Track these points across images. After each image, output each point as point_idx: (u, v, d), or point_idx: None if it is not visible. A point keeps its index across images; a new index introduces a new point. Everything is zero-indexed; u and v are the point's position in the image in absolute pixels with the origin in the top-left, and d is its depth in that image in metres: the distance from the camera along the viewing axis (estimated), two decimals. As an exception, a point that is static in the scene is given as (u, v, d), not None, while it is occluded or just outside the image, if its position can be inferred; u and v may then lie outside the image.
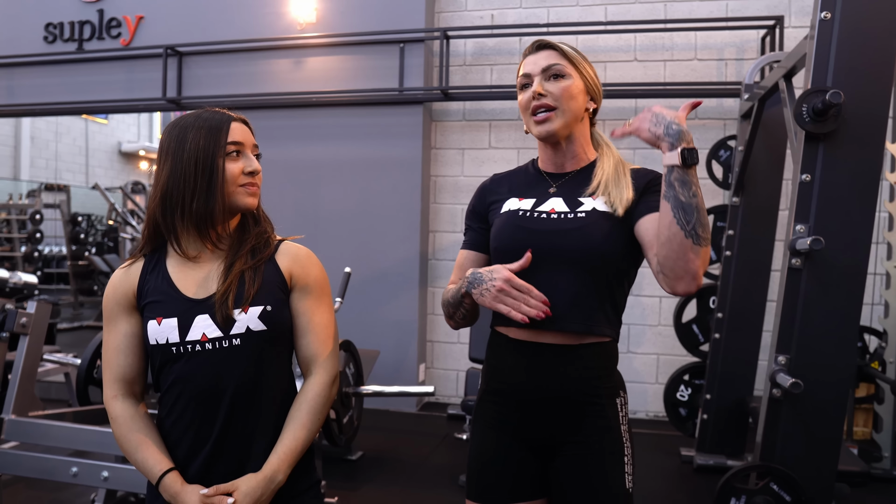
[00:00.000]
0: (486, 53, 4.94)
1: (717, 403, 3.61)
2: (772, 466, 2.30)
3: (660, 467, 3.70)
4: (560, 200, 1.34)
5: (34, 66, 5.63)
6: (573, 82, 1.35)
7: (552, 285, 1.29)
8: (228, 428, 1.20)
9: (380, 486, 3.32)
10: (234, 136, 1.23)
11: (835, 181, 2.32)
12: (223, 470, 1.20)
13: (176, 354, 1.20)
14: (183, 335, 1.19)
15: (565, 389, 1.31)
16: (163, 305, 1.21)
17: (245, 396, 1.21)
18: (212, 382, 1.19)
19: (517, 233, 1.33)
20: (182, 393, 1.20)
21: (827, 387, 2.32)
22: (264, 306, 1.22)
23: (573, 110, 1.35)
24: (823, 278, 2.33)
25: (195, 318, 1.20)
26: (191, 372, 1.19)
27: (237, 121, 1.26)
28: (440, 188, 5.02)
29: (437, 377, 5.05)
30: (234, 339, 1.20)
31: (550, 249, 1.30)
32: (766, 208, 3.61)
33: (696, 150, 1.16)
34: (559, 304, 1.28)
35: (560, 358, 1.31)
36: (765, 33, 4.39)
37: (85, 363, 3.11)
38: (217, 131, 1.22)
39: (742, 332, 3.61)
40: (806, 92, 2.31)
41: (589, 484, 1.30)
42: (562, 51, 1.37)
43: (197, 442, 1.20)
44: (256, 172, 1.25)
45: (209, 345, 1.19)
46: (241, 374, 1.20)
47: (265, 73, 5.10)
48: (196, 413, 1.20)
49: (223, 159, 1.21)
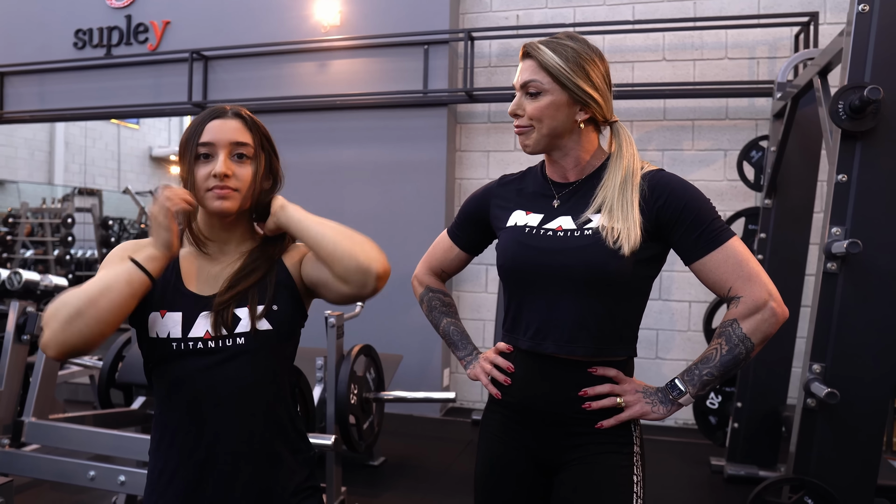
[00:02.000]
0: (512, 54, 4.88)
1: (749, 412, 3.49)
2: (806, 479, 2.20)
3: (689, 476, 3.60)
4: (568, 218, 1.28)
5: (64, 72, 5.73)
6: (550, 99, 1.25)
7: (559, 307, 1.24)
8: (229, 425, 1.16)
9: (402, 494, 3.27)
10: (206, 136, 1.17)
11: (873, 181, 2.22)
12: (216, 475, 1.16)
13: (176, 350, 1.15)
14: (186, 331, 1.15)
15: (571, 406, 1.26)
16: (168, 298, 1.17)
17: (247, 393, 1.17)
18: (212, 381, 1.15)
19: (522, 251, 1.28)
20: (180, 391, 1.16)
21: (865, 397, 2.22)
22: (271, 306, 1.18)
23: (551, 127, 1.27)
24: (861, 283, 2.23)
25: (199, 315, 1.16)
26: (192, 369, 1.15)
27: (221, 117, 1.19)
28: (465, 191, 4.97)
29: (462, 382, 4.99)
30: (239, 339, 1.16)
31: (556, 269, 1.24)
32: (800, 210, 3.49)
33: (673, 397, 1.25)
34: (567, 328, 1.24)
35: (570, 374, 1.26)
36: (798, 30, 4.26)
37: (107, 366, 3.13)
38: (193, 133, 1.18)
39: (775, 338, 3.43)
40: (842, 88, 2.21)
41: (594, 497, 1.24)
42: (541, 62, 1.26)
43: (198, 438, 1.16)
44: (221, 175, 1.15)
45: (212, 343, 1.15)
46: (244, 373, 1.16)
47: (290, 77, 5.11)
48: (192, 413, 1.16)
49: (190, 162, 1.18)
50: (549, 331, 1.25)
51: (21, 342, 2.54)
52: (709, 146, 4.52)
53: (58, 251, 9.21)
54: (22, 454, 2.41)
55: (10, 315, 2.52)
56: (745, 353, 1.20)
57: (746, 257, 1.19)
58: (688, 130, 4.55)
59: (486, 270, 4.87)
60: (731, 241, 1.19)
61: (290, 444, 1.23)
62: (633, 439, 1.28)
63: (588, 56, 1.27)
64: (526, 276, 1.28)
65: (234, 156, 1.18)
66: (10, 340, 2.51)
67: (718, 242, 1.19)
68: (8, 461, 2.39)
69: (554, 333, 1.24)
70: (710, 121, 4.51)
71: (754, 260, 1.20)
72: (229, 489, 1.16)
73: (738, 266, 1.18)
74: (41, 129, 11.72)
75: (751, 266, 1.18)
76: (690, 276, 4.50)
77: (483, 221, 1.44)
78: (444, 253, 1.52)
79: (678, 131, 4.57)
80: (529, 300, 1.28)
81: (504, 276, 1.33)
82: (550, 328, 1.25)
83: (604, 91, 1.29)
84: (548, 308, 1.25)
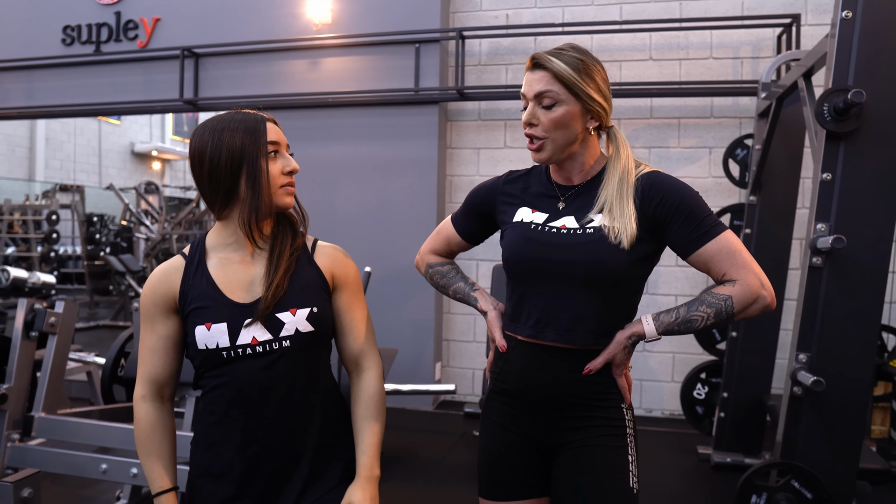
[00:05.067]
0: (502, 53, 4.95)
1: (735, 401, 3.62)
2: (793, 464, 2.31)
3: (676, 465, 3.71)
4: (572, 218, 1.35)
5: (52, 69, 5.69)
6: (566, 110, 1.30)
7: (560, 299, 1.32)
8: (278, 427, 1.23)
9: (400, 484, 3.34)
10: (272, 135, 1.24)
11: (856, 180, 2.33)
12: (270, 468, 1.23)
13: (226, 358, 1.22)
14: (233, 339, 1.21)
15: (572, 392, 1.34)
16: (211, 311, 1.22)
17: (294, 396, 1.24)
18: (262, 384, 1.22)
19: (528, 246, 1.35)
20: (230, 393, 1.22)
21: (848, 385, 2.34)
22: (311, 308, 1.24)
23: (566, 138, 1.33)
24: (844, 277, 2.34)
25: (244, 322, 1.22)
26: (240, 374, 1.21)
27: (270, 121, 1.28)
28: (456, 188, 5.05)
29: (453, 375, 5.07)
30: (284, 342, 1.22)
31: (559, 264, 1.31)
32: (784, 207, 3.61)
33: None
34: (566, 318, 1.31)
35: (568, 362, 1.33)
36: (781, 31, 4.38)
37: (109, 362, 3.17)
38: (255, 132, 1.22)
39: (759, 329, 3.61)
40: (827, 91, 2.32)
41: (595, 478, 1.31)
42: (555, 73, 1.30)
43: (245, 441, 1.23)
44: (295, 171, 1.26)
45: (259, 348, 1.21)
46: (291, 375, 1.23)
47: (281, 74, 5.14)
48: (244, 413, 1.22)
49: (265, 160, 1.22)
50: (550, 321, 1.32)
51: (29, 339, 2.57)
52: (694, 144, 4.63)
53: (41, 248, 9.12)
54: (33, 448, 2.44)
55: (19, 312, 2.55)
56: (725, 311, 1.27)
57: (739, 248, 1.27)
58: (674, 128, 4.67)
59: (476, 266, 4.95)
60: (724, 233, 1.27)
61: (335, 434, 1.31)
62: (627, 423, 1.36)
63: (594, 65, 1.33)
64: (530, 270, 1.35)
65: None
66: (19, 337, 2.54)
67: (713, 235, 1.27)
68: (20, 455, 2.42)
69: (554, 323, 1.32)
70: (696, 119, 4.63)
71: (747, 251, 1.28)
72: (283, 482, 1.23)
73: (732, 256, 1.26)
74: (21, 124, 11.57)
75: (744, 256, 1.27)
76: (677, 272, 4.61)
77: (487, 214, 1.51)
78: (447, 239, 1.61)
79: (664, 129, 4.68)
80: (532, 292, 1.36)
81: (509, 269, 1.40)
82: (551, 318, 1.32)
83: (609, 98, 1.36)
84: (549, 300, 1.33)
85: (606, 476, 1.31)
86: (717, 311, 1.26)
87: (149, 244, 9.02)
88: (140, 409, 1.27)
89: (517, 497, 1.39)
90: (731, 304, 1.25)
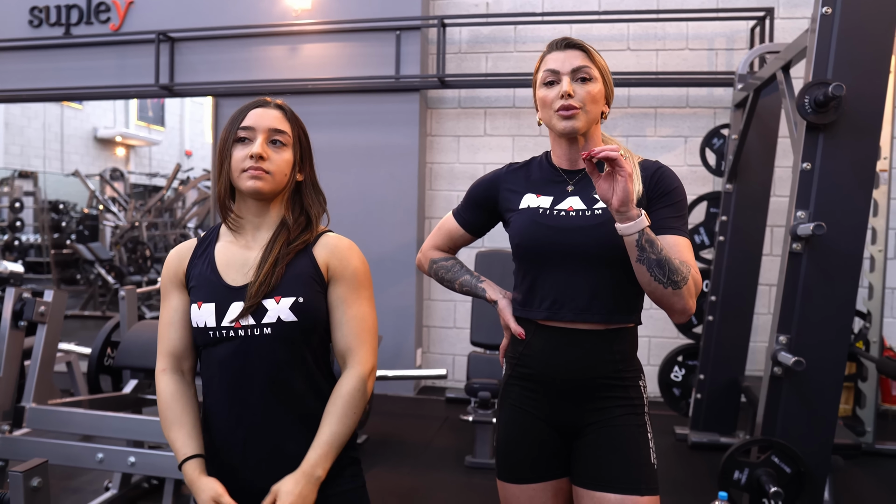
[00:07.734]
0: (482, 41, 4.98)
1: (711, 383, 3.74)
2: (773, 441, 2.42)
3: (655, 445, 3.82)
4: (577, 199, 1.40)
5: (19, 52, 5.53)
6: (599, 87, 1.39)
7: (574, 280, 1.37)
8: (261, 414, 1.24)
9: (389, 468, 3.40)
10: (247, 121, 1.26)
11: (834, 169, 2.43)
12: (257, 455, 1.25)
13: (213, 338, 1.25)
14: (219, 320, 1.24)
15: (591, 373, 1.39)
16: (204, 290, 1.26)
17: (278, 385, 1.24)
18: (241, 368, 1.24)
19: (539, 230, 1.39)
20: (218, 375, 1.26)
21: (825, 365, 2.45)
22: (296, 298, 1.24)
23: (595, 113, 1.40)
24: (823, 262, 2.45)
25: (231, 305, 1.24)
26: (225, 356, 1.24)
27: (263, 107, 1.29)
28: (436, 175, 5.08)
29: (434, 361, 5.13)
30: (266, 328, 1.23)
31: (572, 246, 1.36)
32: (759, 195, 3.74)
33: None
34: (581, 298, 1.36)
35: (586, 343, 1.38)
36: (755, 24, 4.50)
37: (96, 352, 3.14)
38: (235, 118, 1.28)
39: (734, 314, 3.74)
40: (808, 84, 2.41)
41: (621, 455, 1.37)
42: (590, 54, 1.41)
43: (233, 422, 1.25)
44: (258, 156, 1.23)
45: (242, 331, 1.23)
46: (273, 363, 1.23)
47: (260, 60, 5.09)
48: (231, 395, 1.25)
49: (235, 144, 1.27)
50: (566, 302, 1.37)
51: (18, 328, 2.54)
52: (670, 133, 4.74)
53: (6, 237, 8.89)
54: (26, 439, 2.42)
55: (6, 301, 2.52)
56: (678, 277, 1.27)
57: (689, 249, 1.37)
58: (650, 118, 4.77)
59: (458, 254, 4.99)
60: (685, 238, 1.37)
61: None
62: (644, 401, 1.43)
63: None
64: (543, 253, 1.39)
65: (270, 141, 1.27)
66: (7, 326, 2.51)
67: (683, 232, 1.37)
68: (12, 447, 2.40)
69: (570, 304, 1.37)
70: (672, 109, 4.73)
71: (693, 256, 1.36)
72: (272, 468, 1.24)
73: (690, 254, 1.36)
74: (-21, 108, 11.20)
75: (691, 257, 1.35)
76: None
77: (490, 205, 1.54)
78: (449, 233, 1.64)
79: (641, 118, 4.78)
80: (544, 276, 1.40)
81: (520, 254, 1.44)
82: (566, 300, 1.37)
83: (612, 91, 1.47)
84: (564, 282, 1.37)
85: (632, 453, 1.37)
86: (676, 270, 1.27)
87: (117, 232, 8.85)
88: (161, 381, 1.29)
89: (538, 479, 1.43)
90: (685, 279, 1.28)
